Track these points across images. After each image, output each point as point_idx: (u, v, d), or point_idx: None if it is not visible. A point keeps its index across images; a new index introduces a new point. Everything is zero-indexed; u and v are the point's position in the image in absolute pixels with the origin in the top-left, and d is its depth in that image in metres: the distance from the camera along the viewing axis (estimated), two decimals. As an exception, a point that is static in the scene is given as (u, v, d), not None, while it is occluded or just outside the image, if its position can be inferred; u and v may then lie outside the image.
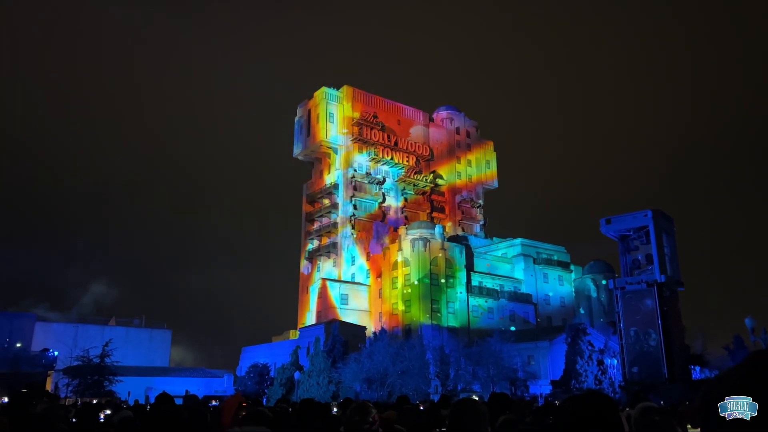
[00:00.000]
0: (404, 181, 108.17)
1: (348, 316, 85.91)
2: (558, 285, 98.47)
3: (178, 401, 13.39)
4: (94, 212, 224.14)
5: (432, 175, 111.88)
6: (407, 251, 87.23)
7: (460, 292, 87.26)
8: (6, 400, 34.37)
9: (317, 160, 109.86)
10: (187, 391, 56.42)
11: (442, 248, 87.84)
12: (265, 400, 59.75)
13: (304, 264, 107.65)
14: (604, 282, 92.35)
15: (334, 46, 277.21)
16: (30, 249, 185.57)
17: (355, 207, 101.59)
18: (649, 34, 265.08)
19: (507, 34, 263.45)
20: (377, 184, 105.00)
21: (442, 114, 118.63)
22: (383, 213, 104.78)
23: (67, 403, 36.62)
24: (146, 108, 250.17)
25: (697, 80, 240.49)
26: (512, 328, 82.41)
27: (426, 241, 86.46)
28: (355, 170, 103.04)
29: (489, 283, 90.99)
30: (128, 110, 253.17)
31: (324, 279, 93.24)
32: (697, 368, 60.58)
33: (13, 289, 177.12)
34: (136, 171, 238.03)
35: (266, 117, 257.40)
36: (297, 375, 61.36)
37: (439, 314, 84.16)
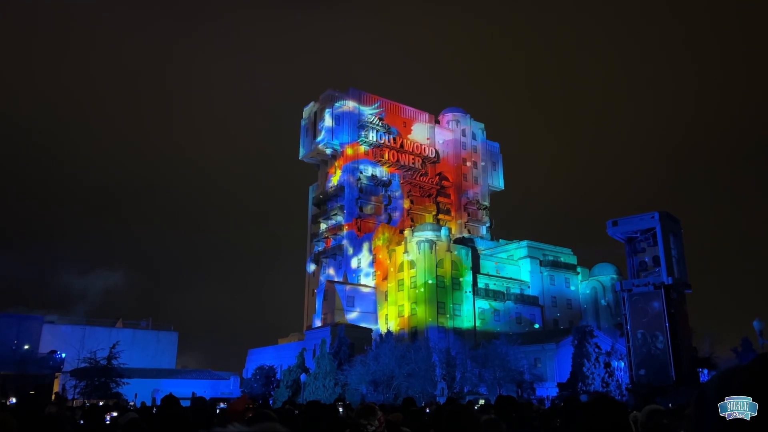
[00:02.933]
0: (410, 183, 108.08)
1: (354, 319, 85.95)
2: (565, 287, 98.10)
3: (185, 403, 13.42)
4: (94, 215, 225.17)
5: (438, 176, 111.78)
6: (413, 253, 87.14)
7: (467, 293, 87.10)
8: (14, 401, 34.54)
9: (323, 162, 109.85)
10: (193, 393, 56.59)
11: (449, 250, 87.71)
12: (271, 401, 59.80)
13: (310, 266, 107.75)
14: (610, 284, 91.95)
15: (341, 48, 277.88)
16: (35, 251, 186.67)
17: (360, 209, 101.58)
18: (655, 35, 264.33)
19: (515, 37, 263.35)
20: (383, 185, 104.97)
21: (448, 116, 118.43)
22: (389, 215, 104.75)
23: (74, 405, 36.80)
24: (149, 110, 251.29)
25: (699, 81, 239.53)
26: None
27: (432, 243, 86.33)
28: (360, 172, 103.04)
29: (495, 285, 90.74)
30: (130, 113, 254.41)
31: (330, 281, 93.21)
32: (705, 371, 60.15)
33: (21, 291, 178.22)
34: (140, 173, 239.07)
35: (272, 119, 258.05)
36: (303, 377, 61.40)
37: (445, 316, 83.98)
